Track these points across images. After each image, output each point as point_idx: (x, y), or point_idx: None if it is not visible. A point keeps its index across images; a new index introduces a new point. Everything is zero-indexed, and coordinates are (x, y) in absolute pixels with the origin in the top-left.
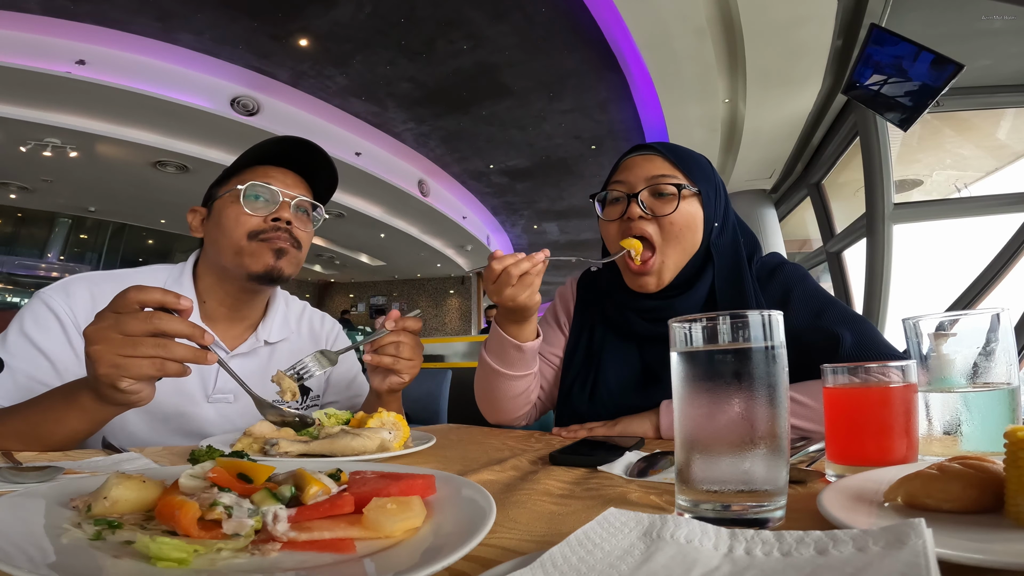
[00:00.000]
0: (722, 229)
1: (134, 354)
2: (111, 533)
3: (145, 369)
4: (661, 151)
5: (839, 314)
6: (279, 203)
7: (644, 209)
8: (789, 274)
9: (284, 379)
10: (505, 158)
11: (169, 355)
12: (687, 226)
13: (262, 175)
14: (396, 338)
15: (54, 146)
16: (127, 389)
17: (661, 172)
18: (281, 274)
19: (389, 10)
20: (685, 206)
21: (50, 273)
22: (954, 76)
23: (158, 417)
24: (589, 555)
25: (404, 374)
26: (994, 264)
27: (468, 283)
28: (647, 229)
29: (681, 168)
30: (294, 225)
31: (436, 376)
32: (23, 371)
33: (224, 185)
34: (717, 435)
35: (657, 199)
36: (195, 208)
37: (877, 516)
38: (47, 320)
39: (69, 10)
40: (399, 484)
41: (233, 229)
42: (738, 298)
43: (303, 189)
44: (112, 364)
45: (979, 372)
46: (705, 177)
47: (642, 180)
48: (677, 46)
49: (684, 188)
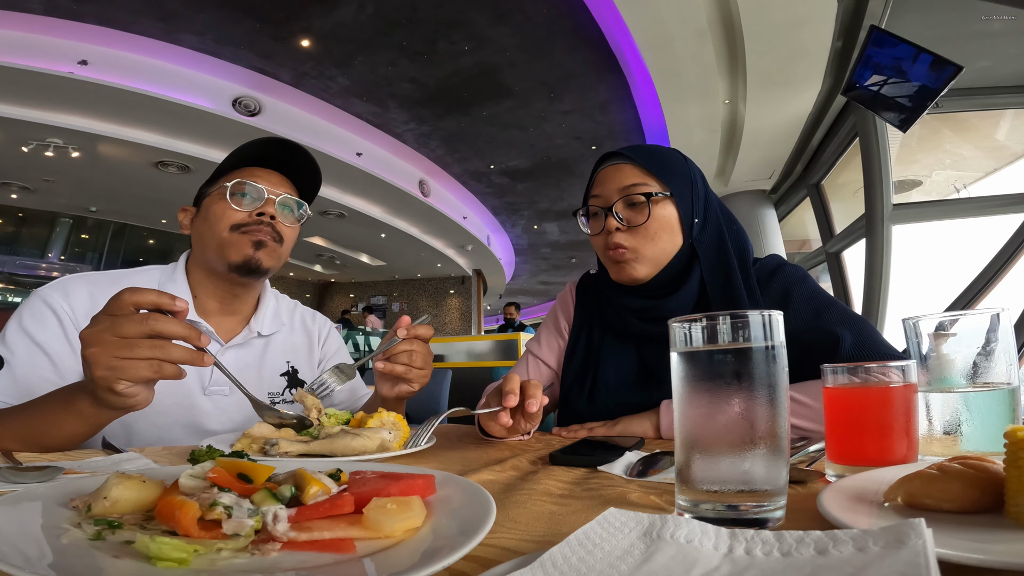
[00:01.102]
0: (704, 224)
1: (130, 356)
2: (111, 533)
3: (142, 371)
4: (630, 157)
5: (839, 315)
6: (264, 199)
7: (620, 221)
8: (789, 275)
9: (307, 397)
10: (506, 158)
11: (166, 357)
12: (662, 229)
13: (249, 175)
14: (409, 347)
15: (56, 146)
16: (124, 392)
17: (631, 181)
18: (259, 265)
19: (391, 11)
20: (658, 211)
21: (51, 273)
22: (953, 77)
23: (156, 410)
24: (589, 555)
25: (415, 383)
26: (992, 264)
27: (468, 283)
28: (624, 241)
29: (652, 171)
30: (277, 220)
31: (436, 376)
32: (23, 367)
33: (212, 185)
34: (717, 435)
35: (630, 209)
36: (185, 208)
37: (877, 516)
38: (45, 317)
39: (72, 10)
40: (399, 484)
41: (217, 222)
42: (729, 292)
43: (288, 188)
44: (108, 367)
45: (979, 372)
46: (676, 176)
47: (615, 192)
48: (678, 47)
49: (654, 195)
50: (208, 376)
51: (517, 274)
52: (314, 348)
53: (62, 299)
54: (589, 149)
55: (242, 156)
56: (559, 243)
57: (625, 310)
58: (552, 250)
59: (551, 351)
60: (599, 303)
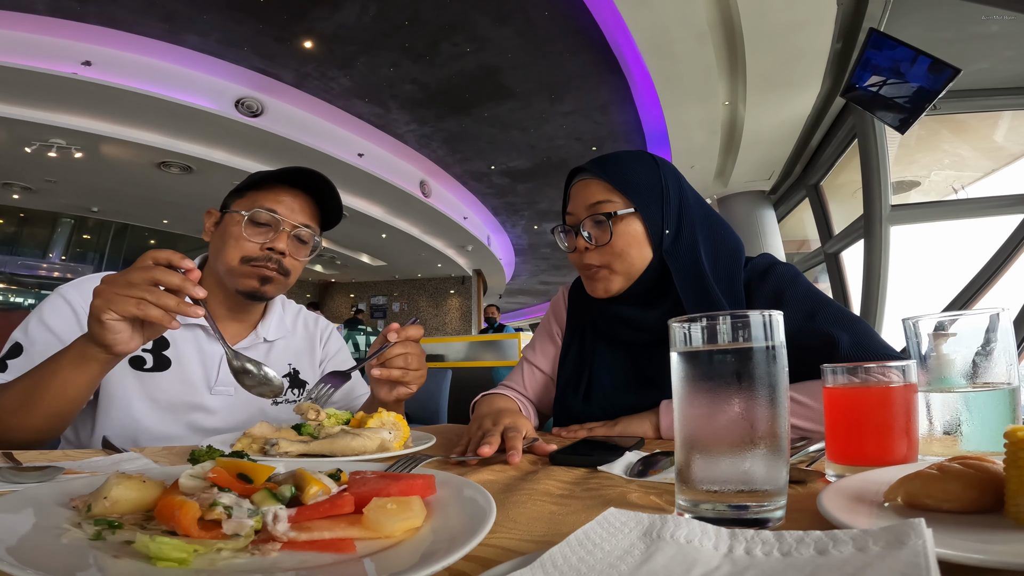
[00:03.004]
0: (677, 234)
1: (124, 293)
2: (111, 533)
3: (129, 307)
4: (596, 174)
5: (833, 315)
6: (279, 231)
7: (588, 240)
8: (781, 275)
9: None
10: (506, 159)
11: (155, 300)
12: (628, 245)
13: (272, 198)
14: (403, 350)
15: (59, 147)
16: (107, 323)
17: (596, 199)
18: (264, 295)
19: (393, 13)
20: (621, 228)
21: (51, 273)
22: (951, 80)
23: (164, 406)
24: (589, 555)
25: (412, 384)
26: (990, 265)
27: (468, 283)
28: (593, 260)
29: (617, 187)
30: (287, 254)
31: (436, 376)
32: (39, 354)
33: (239, 198)
34: (717, 435)
35: (596, 228)
36: (211, 211)
37: (877, 516)
38: (62, 309)
39: (76, 11)
40: (399, 484)
41: (231, 250)
42: (704, 303)
43: (308, 214)
44: (104, 298)
45: (979, 372)
46: (642, 190)
47: (583, 209)
48: (679, 50)
49: (615, 214)
50: (215, 375)
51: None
52: (316, 349)
53: (78, 295)
54: (590, 150)
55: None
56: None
57: (613, 318)
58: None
59: (545, 357)
60: (590, 308)
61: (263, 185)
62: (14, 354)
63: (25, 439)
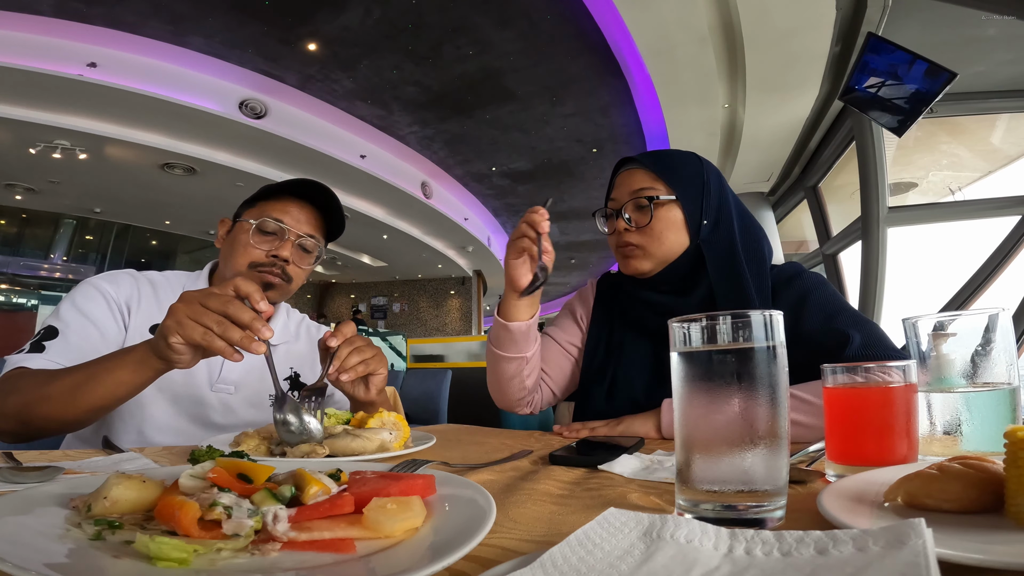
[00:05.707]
0: (715, 226)
1: (195, 319)
2: (111, 533)
3: (196, 335)
4: (643, 163)
5: (851, 317)
6: (284, 240)
7: (628, 222)
8: (807, 280)
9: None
10: (507, 161)
11: (221, 332)
12: (666, 229)
13: (280, 208)
14: (349, 346)
15: (63, 148)
16: (174, 345)
17: (640, 185)
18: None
19: (396, 16)
20: (661, 213)
21: (53, 274)
22: (947, 83)
23: (169, 396)
24: (589, 555)
25: (380, 369)
26: (986, 266)
27: (469, 284)
28: (632, 239)
29: (662, 176)
30: (291, 262)
31: (436, 376)
32: (76, 335)
33: (250, 208)
34: (717, 435)
35: (638, 211)
36: (224, 220)
37: (877, 516)
38: (95, 296)
39: (81, 12)
40: (399, 484)
41: (239, 256)
42: (738, 293)
43: (314, 225)
44: (176, 320)
45: (979, 372)
46: (684, 180)
47: (626, 195)
48: (679, 53)
49: (657, 199)
50: (216, 373)
51: None
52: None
53: (109, 285)
54: (590, 152)
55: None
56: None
57: (643, 304)
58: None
59: (565, 333)
60: (620, 299)
61: (273, 196)
62: (50, 336)
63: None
